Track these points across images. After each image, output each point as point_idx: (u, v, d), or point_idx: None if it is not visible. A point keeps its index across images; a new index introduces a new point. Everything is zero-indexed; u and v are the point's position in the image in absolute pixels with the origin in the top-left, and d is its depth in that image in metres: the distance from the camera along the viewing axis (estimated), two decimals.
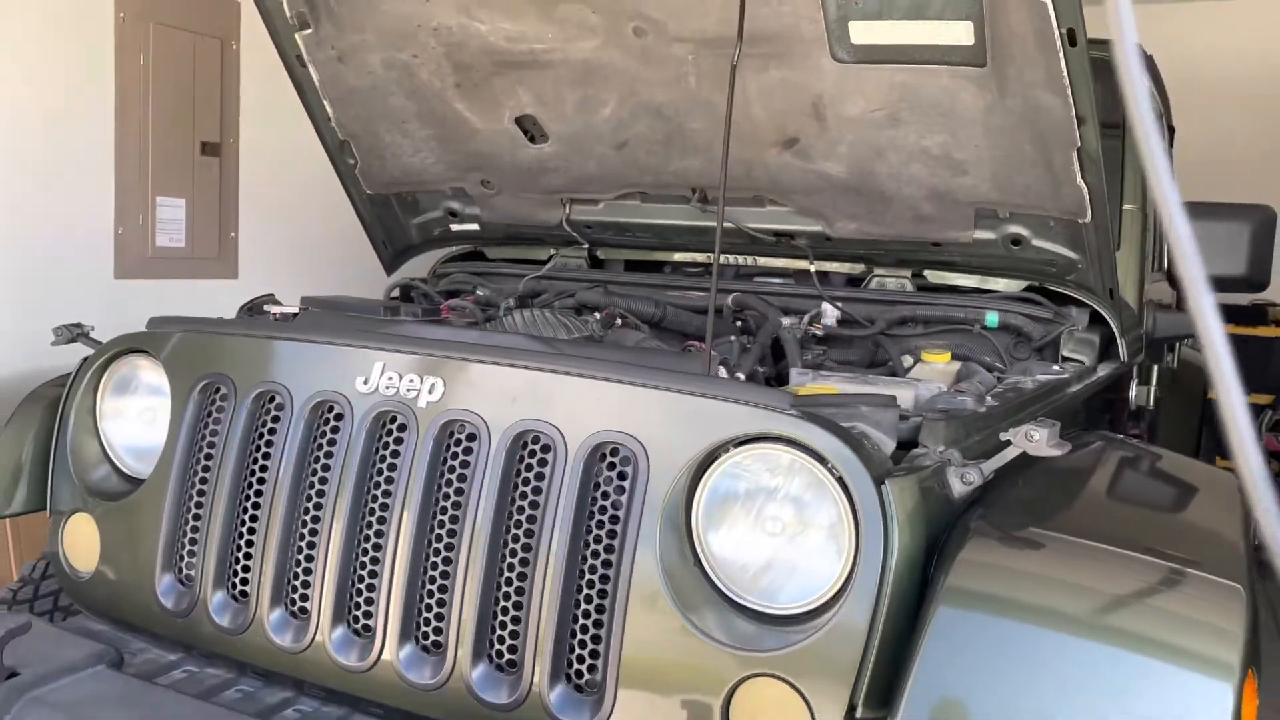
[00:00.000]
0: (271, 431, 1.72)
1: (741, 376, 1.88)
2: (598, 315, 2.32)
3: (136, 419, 1.92)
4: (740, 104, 2.23)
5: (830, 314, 2.40)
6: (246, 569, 1.70)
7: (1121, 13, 0.73)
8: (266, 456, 1.71)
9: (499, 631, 1.51)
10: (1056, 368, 2.10)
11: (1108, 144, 2.78)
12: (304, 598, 1.65)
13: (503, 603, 1.51)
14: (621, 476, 1.46)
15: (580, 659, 1.46)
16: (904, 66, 2.02)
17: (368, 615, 1.60)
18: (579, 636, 1.46)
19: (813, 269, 2.46)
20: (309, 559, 1.65)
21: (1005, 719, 1.17)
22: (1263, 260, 2.64)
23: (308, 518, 1.66)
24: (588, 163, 2.56)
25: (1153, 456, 1.87)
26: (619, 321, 2.29)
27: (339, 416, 1.66)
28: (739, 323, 2.44)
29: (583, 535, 1.47)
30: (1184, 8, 6.12)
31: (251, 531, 1.70)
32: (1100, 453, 1.79)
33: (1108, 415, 2.33)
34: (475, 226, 2.94)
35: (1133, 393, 2.49)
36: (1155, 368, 2.67)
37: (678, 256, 2.83)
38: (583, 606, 1.46)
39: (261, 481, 1.71)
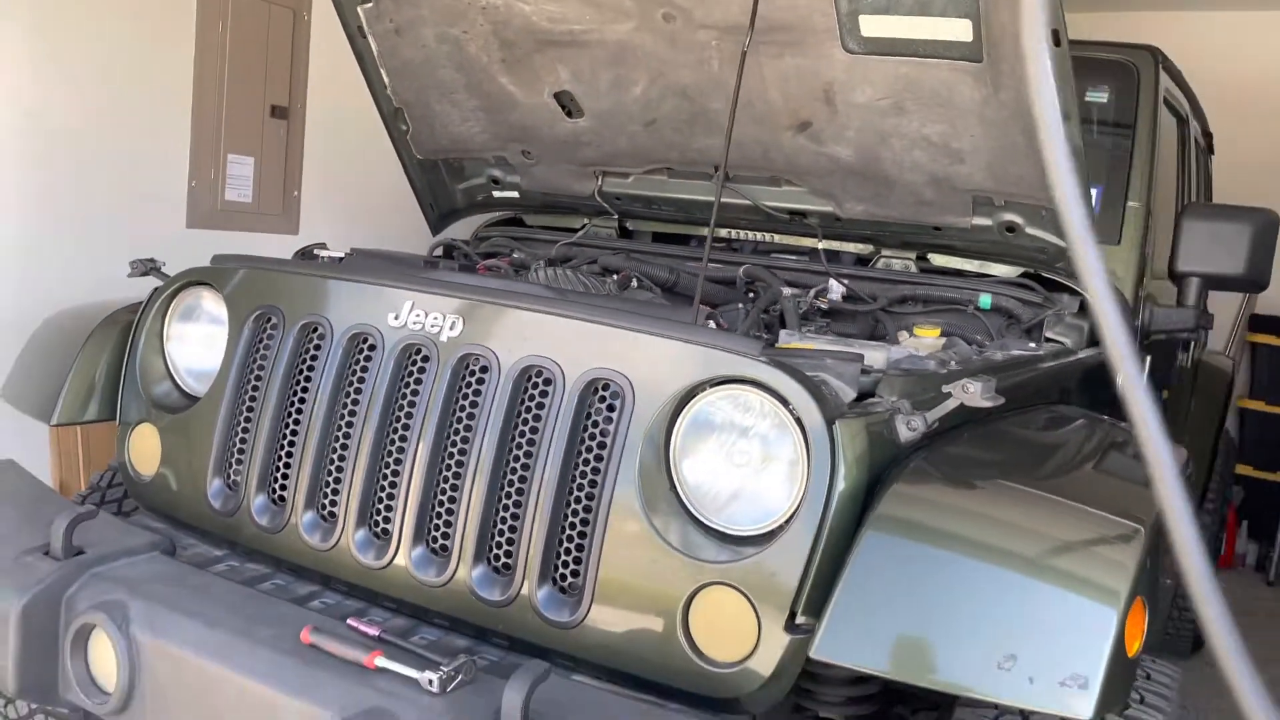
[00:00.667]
0: (313, 358, 1.95)
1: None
2: (615, 276, 2.51)
3: (198, 343, 2.16)
4: (757, 88, 2.41)
5: (836, 290, 2.57)
6: (285, 476, 1.93)
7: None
8: (308, 379, 1.94)
9: (497, 538, 1.72)
10: (1033, 345, 2.25)
11: (1120, 143, 2.91)
12: (333, 503, 1.87)
13: (502, 513, 1.72)
14: (610, 408, 1.66)
15: (565, 564, 1.66)
16: (908, 59, 2.19)
17: (387, 520, 1.82)
18: (565, 545, 1.66)
19: (820, 246, 2.64)
20: (339, 469, 1.87)
21: (913, 628, 1.35)
22: (1262, 261, 2.74)
23: (340, 434, 1.88)
24: (619, 138, 2.76)
25: (1108, 427, 2.01)
26: (635, 283, 2.48)
27: (372, 347, 1.88)
28: (751, 293, 2.62)
29: (574, 458, 1.67)
30: (1231, 17, 6.11)
31: (291, 444, 1.93)
32: (1057, 420, 1.95)
33: (1095, 396, 2.46)
34: (515, 194, 3.15)
35: (1120, 379, 2.61)
36: (1149, 359, 2.79)
37: (705, 231, 3.02)
38: (570, 519, 1.66)
39: (302, 401, 1.94)
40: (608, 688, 1.62)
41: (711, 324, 1.85)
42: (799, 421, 1.52)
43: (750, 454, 1.58)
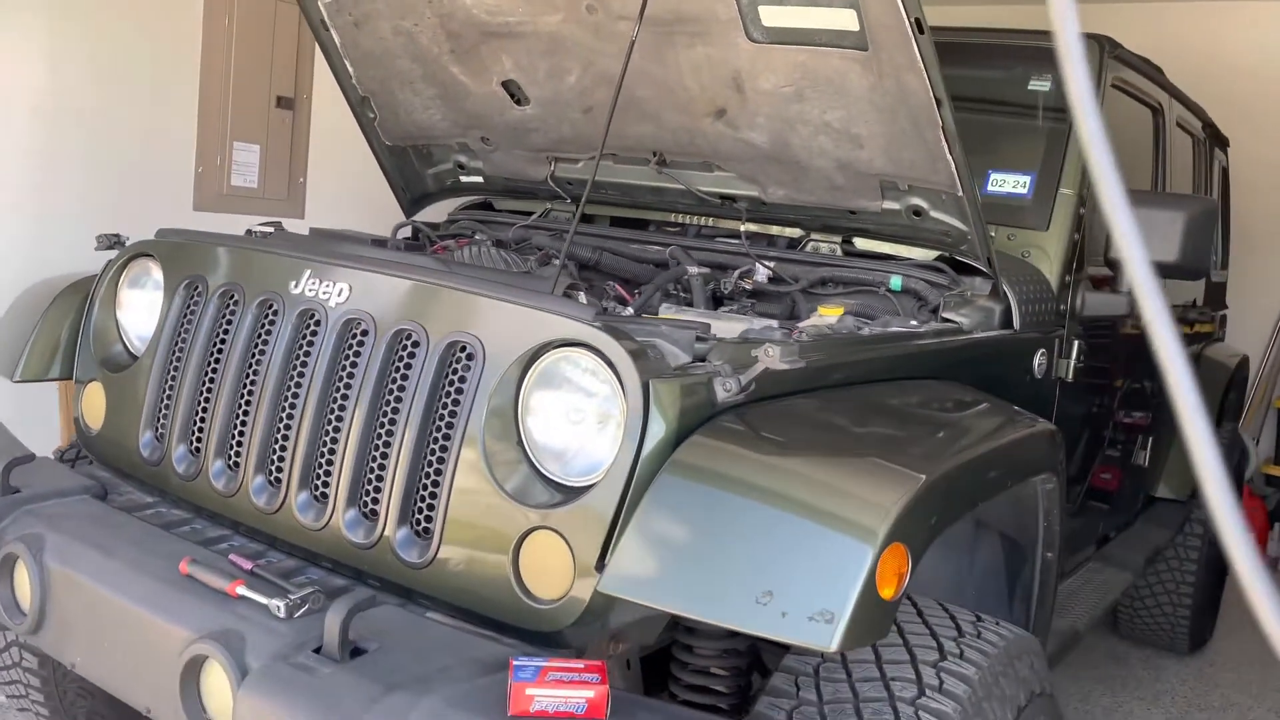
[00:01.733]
0: (229, 322, 2.14)
1: (584, 296, 2.14)
2: (537, 253, 2.66)
3: (143, 309, 2.37)
4: (675, 77, 2.53)
5: (761, 272, 2.68)
6: (201, 428, 2.12)
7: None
8: (223, 341, 2.13)
9: (367, 486, 1.88)
10: (914, 323, 2.33)
11: (1059, 130, 2.96)
12: (238, 453, 2.06)
13: (372, 462, 1.88)
14: (467, 369, 1.81)
15: (420, 510, 1.82)
16: (806, 48, 2.28)
17: (279, 468, 1.99)
18: (422, 492, 1.82)
19: (743, 229, 2.74)
20: (244, 422, 2.05)
21: (688, 565, 1.47)
22: (1198, 248, 2.76)
23: (246, 389, 2.06)
24: (562, 125, 2.90)
25: (974, 400, 2.08)
26: (555, 261, 2.62)
27: (276, 312, 2.06)
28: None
29: (434, 414, 1.82)
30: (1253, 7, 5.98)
31: (207, 399, 2.12)
32: (908, 389, 2.02)
33: (999, 376, 2.52)
34: (480, 179, 3.31)
35: (1037, 361, 2.66)
36: (1077, 343, 2.83)
37: (677, 216, 3.13)
38: (427, 469, 1.81)
39: (218, 360, 2.13)
40: (454, 623, 1.76)
41: (582, 295, 1.98)
42: (620, 380, 1.64)
43: (584, 411, 1.71)
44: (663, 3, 2.32)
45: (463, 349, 1.82)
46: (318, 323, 1.99)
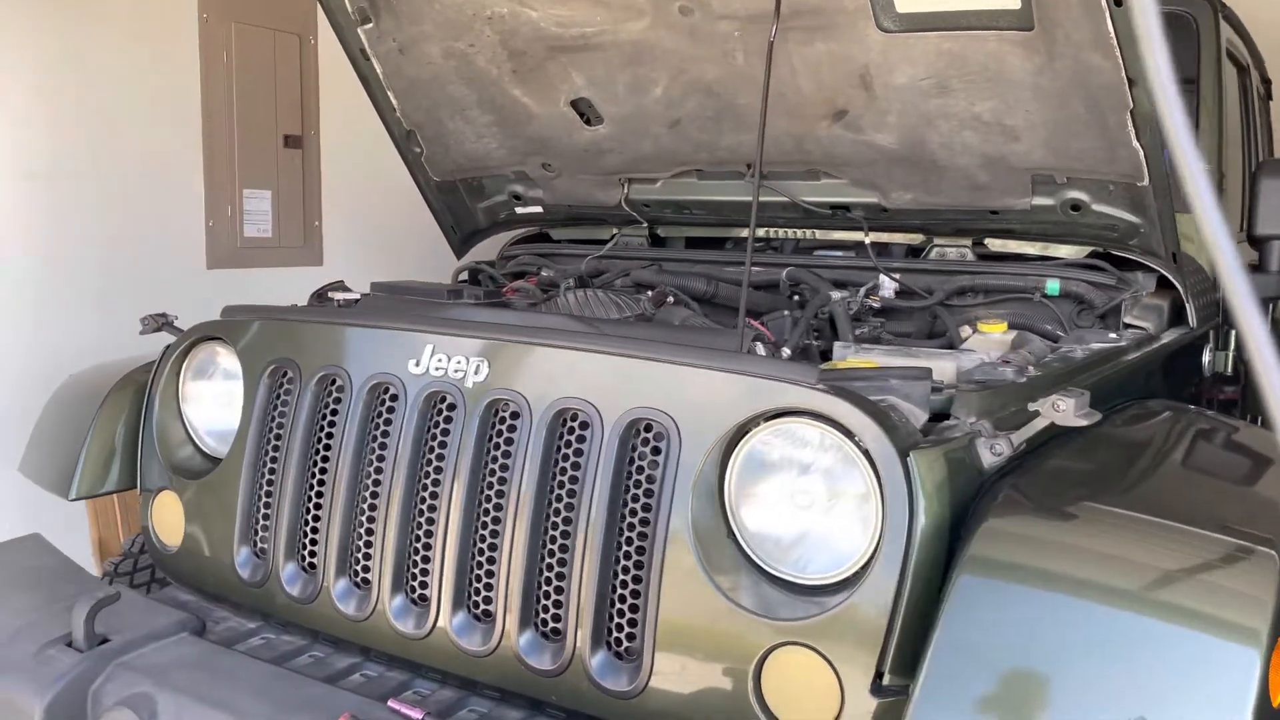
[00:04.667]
0: (334, 412, 1.81)
1: (787, 352, 1.88)
2: (649, 293, 2.35)
3: (215, 402, 2.04)
4: (787, 78, 2.24)
5: (887, 286, 2.39)
6: (314, 542, 1.80)
7: None
8: (329, 436, 1.81)
9: (543, 600, 1.57)
10: (1114, 335, 2.06)
11: (1185, 102, 2.70)
12: (365, 569, 1.74)
13: (546, 573, 1.57)
14: (655, 452, 1.50)
15: (619, 627, 1.51)
16: (951, 33, 2.00)
17: (423, 585, 1.68)
18: (618, 605, 1.51)
19: (867, 240, 2.46)
20: (370, 532, 1.73)
21: (1023, 688, 1.18)
22: None
23: (367, 494, 1.74)
24: (642, 142, 2.59)
25: (1220, 426, 1.81)
26: (670, 299, 2.32)
27: (394, 397, 1.74)
28: (795, 297, 2.45)
29: (620, 508, 1.52)
30: None
31: (318, 506, 1.80)
32: (1155, 422, 1.76)
33: (1182, 382, 2.27)
34: (539, 209, 3.00)
35: (1206, 358, 2.41)
36: (1234, 332, 2.58)
37: (742, 232, 2.84)
38: (620, 576, 1.51)
39: (325, 459, 1.80)
40: None
41: (760, 346, 1.68)
42: (867, 455, 1.35)
43: (814, 493, 1.42)
44: None
45: (648, 428, 1.51)
46: (451, 407, 1.68)
